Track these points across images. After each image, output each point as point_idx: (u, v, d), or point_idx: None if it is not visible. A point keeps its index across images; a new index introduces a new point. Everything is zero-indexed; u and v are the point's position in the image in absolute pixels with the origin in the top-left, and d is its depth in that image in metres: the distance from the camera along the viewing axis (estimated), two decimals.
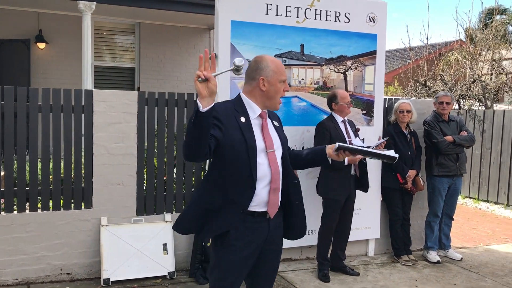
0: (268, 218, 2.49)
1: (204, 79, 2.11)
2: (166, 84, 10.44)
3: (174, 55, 10.60)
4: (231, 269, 2.47)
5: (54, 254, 4.25)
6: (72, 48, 9.53)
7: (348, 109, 4.62)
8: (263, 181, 2.43)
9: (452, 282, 4.70)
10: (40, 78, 9.43)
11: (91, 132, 4.34)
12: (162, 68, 10.54)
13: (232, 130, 2.39)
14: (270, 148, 2.46)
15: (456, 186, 5.38)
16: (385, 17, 5.26)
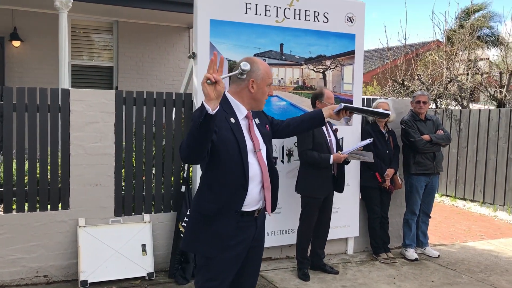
0: (255, 217, 2.53)
1: (213, 82, 2.10)
2: (145, 83, 10.34)
3: (153, 54, 10.51)
4: (222, 269, 2.48)
5: (30, 256, 4.17)
6: (48, 47, 9.36)
7: None
8: (254, 181, 2.47)
9: (429, 279, 4.76)
10: (15, 77, 9.24)
11: (68, 132, 4.27)
12: (141, 67, 10.44)
13: (225, 131, 2.40)
14: (258, 148, 2.50)
15: (433, 184, 5.46)
16: (363, 17, 5.30)
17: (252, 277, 2.66)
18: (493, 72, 11.55)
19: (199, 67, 4.55)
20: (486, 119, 8.46)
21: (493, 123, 8.32)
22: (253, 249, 2.58)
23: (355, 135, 5.26)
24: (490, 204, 8.31)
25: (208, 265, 2.48)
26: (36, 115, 4.21)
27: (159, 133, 4.64)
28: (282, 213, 4.98)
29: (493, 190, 8.28)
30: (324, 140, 4.56)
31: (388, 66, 11.94)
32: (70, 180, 4.29)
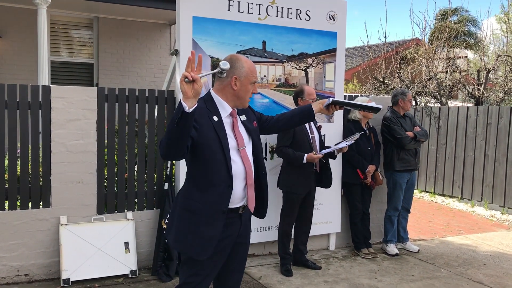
0: (240, 214, 2.55)
1: (191, 80, 2.11)
2: (125, 80, 10.24)
3: (134, 50, 10.41)
4: (206, 265, 2.50)
5: (11, 255, 4.12)
6: (27, 43, 9.21)
7: None
8: (237, 178, 2.49)
9: (410, 273, 4.85)
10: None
11: (49, 129, 4.22)
12: (122, 63, 10.34)
13: (207, 129, 2.42)
14: (241, 146, 2.51)
15: (413, 180, 5.57)
16: (345, 15, 5.35)
17: (237, 273, 2.68)
18: (471, 70, 11.77)
19: (182, 64, 4.54)
20: (464, 116, 8.62)
21: (471, 121, 8.48)
22: (237, 245, 2.60)
23: (337, 132, 5.32)
24: (468, 199, 8.48)
25: (192, 261, 2.50)
26: (17, 112, 4.15)
27: (142, 130, 4.62)
28: None
29: (471, 186, 8.45)
30: (305, 137, 4.60)
31: (368, 64, 12.06)
32: (51, 177, 4.25)
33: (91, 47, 10.20)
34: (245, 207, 2.57)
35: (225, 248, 2.54)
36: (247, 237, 2.68)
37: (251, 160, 2.58)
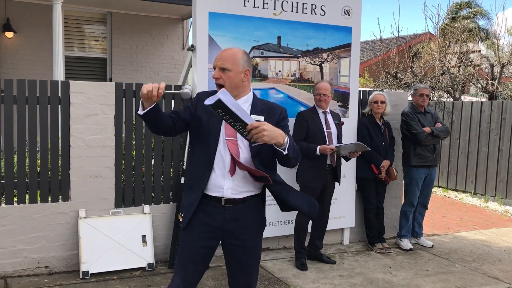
0: (224, 206, 2.52)
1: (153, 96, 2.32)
2: (138, 75, 10.31)
3: (146, 45, 10.47)
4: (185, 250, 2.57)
5: (31, 247, 4.20)
6: (42, 38, 9.30)
7: (320, 101, 4.65)
8: (218, 167, 2.49)
9: (424, 268, 4.87)
10: (9, 69, 9.17)
11: (68, 124, 4.29)
12: (135, 58, 10.40)
13: (202, 114, 2.52)
14: (229, 136, 2.49)
15: (432, 177, 5.54)
16: (360, 10, 5.35)
17: (240, 275, 2.63)
18: (484, 65, 11.67)
19: (198, 60, 4.57)
20: (478, 111, 8.57)
21: (485, 115, 8.43)
22: (231, 246, 2.58)
23: (351, 127, 5.32)
24: (481, 195, 8.45)
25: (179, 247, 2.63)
26: (36, 107, 4.22)
27: None
28: None
29: (484, 181, 8.42)
30: (319, 131, 4.62)
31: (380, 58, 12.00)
32: (70, 172, 4.32)
33: (105, 42, 10.27)
34: (229, 200, 2.50)
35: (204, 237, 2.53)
36: (246, 240, 2.57)
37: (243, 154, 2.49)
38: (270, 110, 2.61)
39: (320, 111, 4.70)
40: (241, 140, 2.49)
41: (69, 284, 4.09)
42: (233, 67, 2.49)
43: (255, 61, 4.87)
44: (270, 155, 2.52)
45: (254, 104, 2.59)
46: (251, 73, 2.59)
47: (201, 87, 4.51)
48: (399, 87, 10.48)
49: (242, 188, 2.53)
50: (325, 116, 4.71)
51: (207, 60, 4.59)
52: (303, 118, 4.65)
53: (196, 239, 2.55)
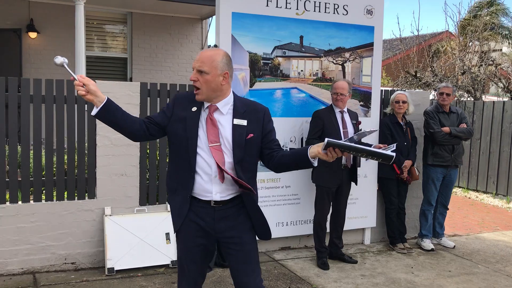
0: (213, 207, 2.53)
1: (84, 90, 2.37)
2: (158, 75, 10.41)
3: (166, 45, 10.56)
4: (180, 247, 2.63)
5: (59, 244, 4.29)
6: (64, 38, 9.44)
7: (337, 100, 4.65)
8: (204, 173, 2.49)
9: (446, 269, 4.84)
10: (32, 68, 9.34)
11: (94, 123, 4.37)
12: (154, 58, 10.50)
13: (179, 118, 2.51)
14: (213, 142, 2.47)
15: (451, 177, 5.50)
16: (382, 9, 5.34)
17: (240, 273, 2.63)
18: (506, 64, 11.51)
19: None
20: (500, 111, 8.47)
21: (507, 115, 8.33)
22: (227, 244, 2.59)
23: (373, 126, 5.30)
24: (503, 195, 8.35)
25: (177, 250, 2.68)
26: (64, 106, 4.30)
27: None
28: (300, 203, 5.06)
29: (506, 181, 8.32)
30: (335, 131, 4.62)
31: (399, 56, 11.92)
32: (96, 170, 4.40)
33: (125, 42, 10.38)
34: (218, 202, 2.52)
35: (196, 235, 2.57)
36: (241, 238, 2.58)
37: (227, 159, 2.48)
38: (253, 113, 2.56)
39: (337, 110, 4.70)
40: (224, 144, 2.48)
41: (95, 280, 4.16)
42: (210, 70, 2.43)
43: (278, 61, 4.90)
44: (252, 162, 2.56)
45: (235, 106, 2.55)
46: (231, 76, 2.53)
47: None
48: (419, 87, 10.40)
49: (231, 190, 2.54)
50: (342, 116, 4.71)
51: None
52: (319, 117, 4.66)
53: (190, 238, 2.59)
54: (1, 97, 4.11)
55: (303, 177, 4.97)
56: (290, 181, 4.98)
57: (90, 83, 2.37)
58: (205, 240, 2.59)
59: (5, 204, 4.17)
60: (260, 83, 4.83)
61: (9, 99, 4.14)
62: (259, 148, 2.58)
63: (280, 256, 4.98)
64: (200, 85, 2.45)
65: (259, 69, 4.81)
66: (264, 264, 4.73)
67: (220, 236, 2.58)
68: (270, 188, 4.91)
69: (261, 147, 2.58)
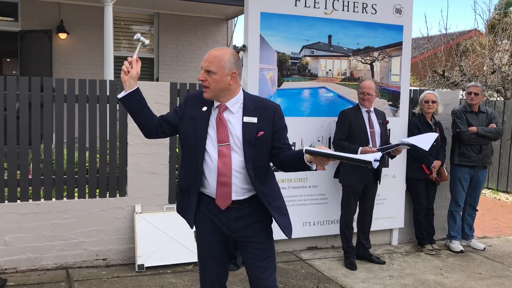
0: (229, 207, 2.54)
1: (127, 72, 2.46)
2: (184, 75, 10.52)
3: (192, 45, 10.67)
4: (200, 245, 2.69)
5: (91, 240, 4.39)
6: (92, 39, 9.63)
7: (363, 100, 4.63)
8: (211, 173, 2.51)
9: (476, 271, 4.77)
10: (62, 68, 9.56)
11: (125, 122, 4.45)
12: (181, 58, 10.62)
13: (190, 117, 2.53)
14: (221, 142, 2.48)
15: (479, 178, 5.41)
16: (411, 8, 5.29)
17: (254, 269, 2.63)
18: None
19: (250, 60, 4.63)
20: None
21: None
22: (243, 243, 2.62)
23: (402, 127, 5.27)
24: None
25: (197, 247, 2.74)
26: (96, 106, 4.40)
27: None
28: (328, 203, 5.05)
29: None
30: (362, 131, 4.60)
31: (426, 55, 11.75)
32: (127, 168, 4.48)
33: (152, 42, 10.52)
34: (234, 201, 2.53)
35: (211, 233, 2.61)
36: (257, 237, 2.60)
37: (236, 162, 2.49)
38: (263, 110, 2.55)
39: (363, 110, 4.67)
40: (234, 143, 2.48)
41: (126, 277, 4.24)
42: (218, 69, 2.44)
43: (306, 60, 4.90)
44: (264, 160, 2.54)
45: (245, 104, 2.54)
46: (239, 74, 2.53)
47: (252, 87, 4.57)
48: (446, 86, 10.25)
49: (247, 190, 2.54)
50: (368, 115, 4.68)
51: (258, 60, 4.65)
52: (345, 116, 4.64)
53: (208, 236, 2.63)
54: (36, 96, 4.23)
55: (331, 177, 4.96)
56: (317, 181, 4.97)
57: (136, 70, 2.47)
58: (222, 237, 2.63)
59: (40, 201, 4.28)
60: (288, 82, 4.84)
61: (44, 99, 4.25)
62: (270, 146, 2.56)
63: (307, 256, 4.99)
64: (208, 85, 2.47)
65: (287, 69, 4.83)
66: (291, 264, 4.74)
67: (236, 235, 2.61)
68: (297, 187, 4.91)
69: (271, 146, 2.56)
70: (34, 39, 9.26)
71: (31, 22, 9.33)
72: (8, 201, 4.19)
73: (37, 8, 9.35)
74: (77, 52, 9.73)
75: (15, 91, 4.15)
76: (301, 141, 4.88)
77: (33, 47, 9.29)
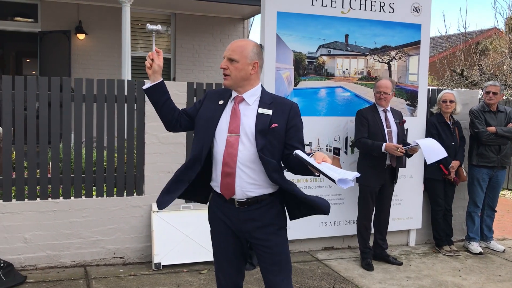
0: (238, 208, 2.53)
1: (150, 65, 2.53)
2: (200, 74, 10.56)
3: (208, 45, 10.70)
4: (214, 245, 2.69)
5: (108, 238, 4.43)
6: (110, 39, 9.73)
7: (380, 99, 4.59)
8: (218, 163, 2.51)
9: (496, 273, 4.70)
10: (80, 69, 9.67)
11: (143, 122, 4.48)
12: (197, 58, 10.66)
13: (205, 110, 2.57)
14: (232, 132, 2.48)
15: (498, 178, 5.34)
16: (429, 7, 5.23)
17: (268, 274, 2.61)
18: None
19: (266, 59, 4.62)
20: None
21: None
22: (256, 246, 2.59)
23: (420, 127, 5.22)
24: None
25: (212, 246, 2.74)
26: (114, 106, 4.44)
27: None
28: (344, 203, 5.03)
29: None
30: (379, 130, 4.57)
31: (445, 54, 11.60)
32: (145, 167, 4.51)
33: (169, 42, 10.59)
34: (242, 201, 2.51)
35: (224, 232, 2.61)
36: (268, 241, 2.55)
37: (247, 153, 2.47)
38: (279, 105, 2.55)
39: (380, 109, 4.64)
40: (245, 135, 2.47)
41: (143, 275, 4.27)
42: (240, 58, 2.47)
43: (322, 60, 4.88)
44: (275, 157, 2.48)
45: (262, 97, 2.55)
46: (261, 66, 2.55)
47: (269, 86, 4.57)
48: (465, 86, 10.11)
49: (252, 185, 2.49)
50: (385, 115, 4.65)
51: (274, 60, 4.65)
52: (364, 116, 4.61)
53: (222, 237, 2.63)
54: (56, 96, 4.29)
55: None
56: None
57: (158, 63, 2.54)
58: (235, 238, 2.63)
59: (59, 199, 4.34)
60: (304, 82, 4.83)
61: (63, 98, 4.31)
62: (282, 140, 2.51)
63: (324, 256, 4.97)
64: (229, 73, 2.50)
65: (303, 68, 4.81)
66: (307, 264, 4.72)
67: (247, 236, 2.60)
68: (314, 187, 4.89)
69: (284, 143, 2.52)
70: (53, 39, 9.39)
71: (51, 23, 9.46)
72: (28, 199, 4.26)
73: (56, 9, 9.48)
74: (95, 52, 9.84)
75: (35, 91, 4.22)
76: (318, 141, 4.87)
77: (52, 48, 9.42)
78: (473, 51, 10.61)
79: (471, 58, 10.52)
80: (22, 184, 4.25)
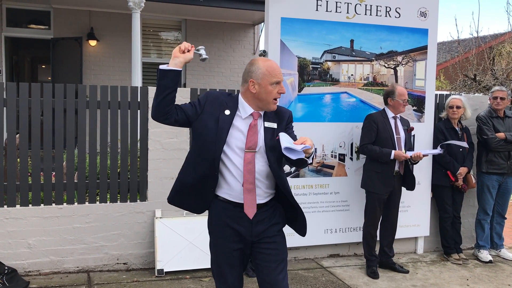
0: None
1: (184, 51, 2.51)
2: (211, 80, 10.59)
3: (219, 51, 10.73)
4: (216, 252, 2.66)
5: (112, 244, 4.44)
6: (121, 45, 9.82)
7: (403, 107, 4.57)
8: (236, 178, 2.52)
9: (506, 282, 4.59)
10: (91, 75, 9.77)
11: (146, 128, 4.50)
12: (207, 64, 10.67)
13: (209, 117, 2.52)
14: (250, 149, 2.51)
15: (508, 185, 5.24)
16: (437, 11, 5.17)
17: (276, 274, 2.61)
18: None
19: None
20: None
21: None
22: (260, 244, 2.61)
23: (427, 132, 5.15)
24: None
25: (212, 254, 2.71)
26: (118, 112, 4.46)
27: None
28: (350, 210, 4.98)
29: None
30: (389, 137, 4.51)
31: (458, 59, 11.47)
32: (148, 173, 4.52)
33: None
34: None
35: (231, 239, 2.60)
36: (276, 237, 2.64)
37: (260, 167, 2.55)
38: (280, 114, 2.65)
39: (390, 116, 4.59)
40: (259, 151, 2.52)
41: (145, 281, 4.27)
42: None
43: (327, 65, 4.85)
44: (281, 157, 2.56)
45: (266, 112, 2.61)
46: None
47: None
48: (478, 90, 9.97)
49: (266, 194, 2.61)
50: (395, 121, 4.60)
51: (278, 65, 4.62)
52: (373, 120, 4.56)
53: (227, 242, 2.61)
54: (60, 102, 4.32)
55: (353, 184, 4.89)
56: (339, 187, 4.91)
57: (190, 56, 2.52)
58: (242, 244, 2.62)
59: (63, 205, 4.37)
60: (308, 87, 4.80)
61: (67, 105, 4.34)
62: None
63: (329, 264, 4.92)
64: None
65: (308, 74, 4.79)
66: (311, 271, 4.68)
67: (257, 239, 2.61)
68: (319, 194, 4.85)
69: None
70: (66, 46, 9.51)
71: (63, 30, 9.59)
72: (32, 204, 4.30)
73: (68, 16, 9.61)
74: (106, 58, 9.94)
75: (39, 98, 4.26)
76: (322, 147, 4.83)
77: (65, 54, 9.54)
78: (487, 56, 10.45)
79: (484, 63, 10.37)
80: (26, 190, 4.29)
